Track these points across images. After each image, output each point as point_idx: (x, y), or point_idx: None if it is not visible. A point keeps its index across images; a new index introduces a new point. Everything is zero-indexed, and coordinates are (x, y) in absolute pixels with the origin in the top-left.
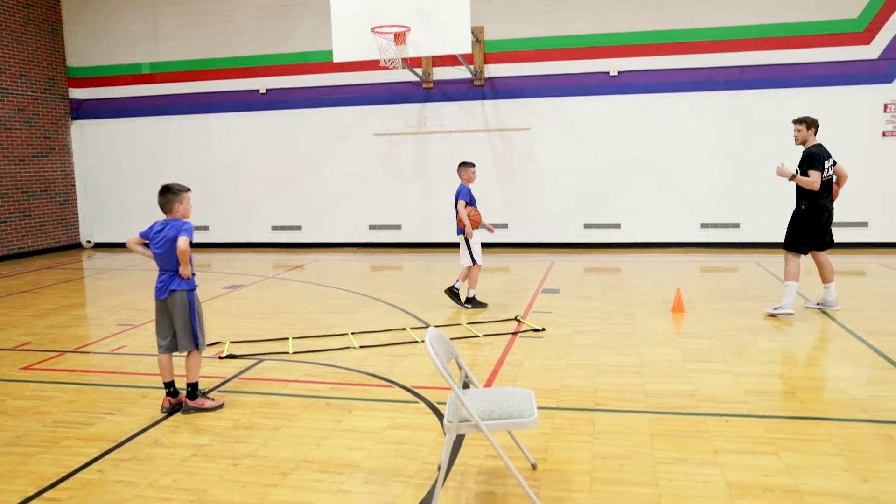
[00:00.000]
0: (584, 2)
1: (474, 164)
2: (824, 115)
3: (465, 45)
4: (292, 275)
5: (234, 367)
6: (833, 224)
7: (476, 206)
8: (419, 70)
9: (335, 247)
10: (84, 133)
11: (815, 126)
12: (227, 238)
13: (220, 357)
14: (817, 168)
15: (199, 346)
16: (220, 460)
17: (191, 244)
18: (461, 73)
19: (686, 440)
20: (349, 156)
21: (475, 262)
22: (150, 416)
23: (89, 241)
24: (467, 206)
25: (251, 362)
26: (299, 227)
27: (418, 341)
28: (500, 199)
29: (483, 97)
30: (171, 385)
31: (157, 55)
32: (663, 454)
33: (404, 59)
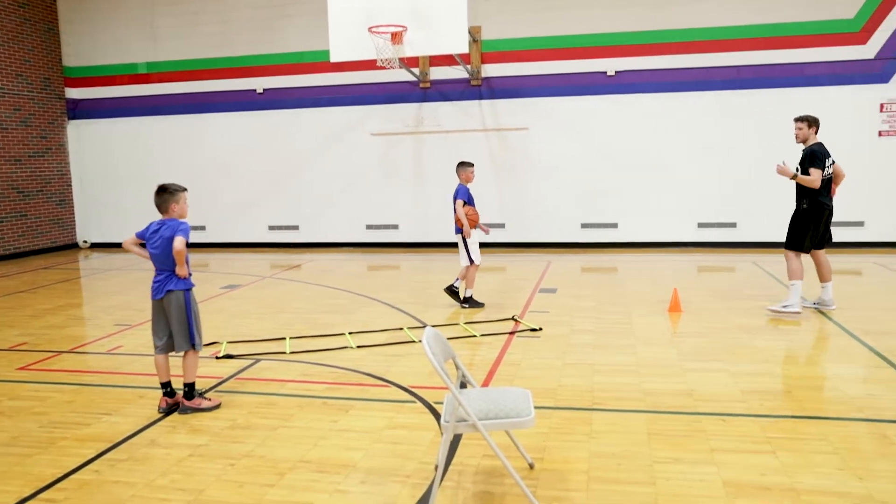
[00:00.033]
0: (581, 1)
1: (473, 164)
2: (821, 115)
3: (462, 45)
4: (289, 275)
5: (231, 367)
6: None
7: (474, 205)
8: (416, 70)
9: (332, 247)
10: (80, 133)
11: (817, 125)
12: (224, 238)
13: (217, 357)
14: (818, 166)
15: (195, 346)
16: (217, 460)
17: (187, 244)
18: (458, 72)
19: (683, 439)
20: (346, 156)
21: (472, 262)
22: (146, 417)
23: (86, 241)
24: (465, 206)
25: (248, 362)
26: (296, 227)
27: (415, 341)
28: (497, 199)
29: (480, 97)
30: (168, 385)
31: (153, 55)
32: (660, 453)
33: (401, 59)
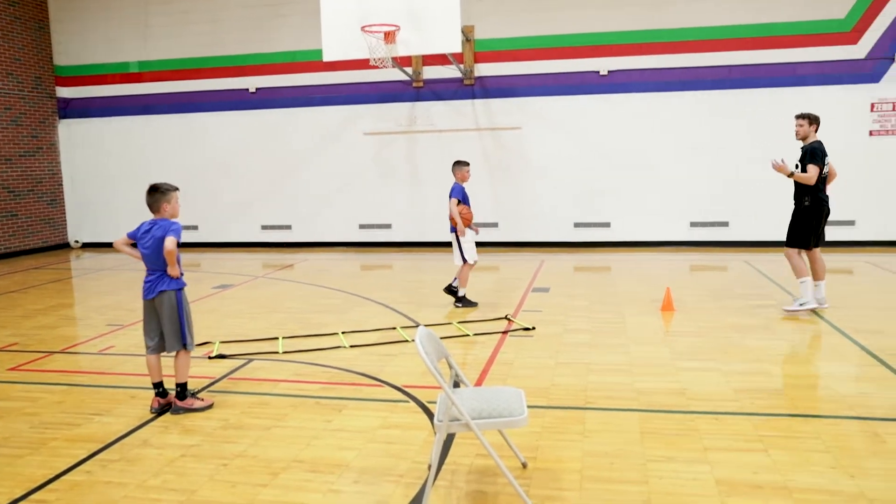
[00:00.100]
0: (574, 1)
1: (468, 163)
2: None
3: (455, 45)
4: (282, 274)
5: (224, 367)
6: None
7: (469, 204)
8: (409, 69)
9: (325, 246)
10: (71, 132)
11: (817, 123)
12: (217, 238)
13: (210, 357)
14: (817, 163)
15: (186, 346)
16: (209, 460)
17: (179, 244)
18: (451, 72)
19: (676, 438)
20: (339, 155)
21: (465, 261)
22: (138, 417)
23: (77, 241)
24: (459, 205)
25: (241, 362)
26: (289, 227)
27: (409, 340)
28: (491, 199)
29: (473, 96)
30: (160, 385)
31: (145, 54)
32: (653, 452)
33: (394, 59)
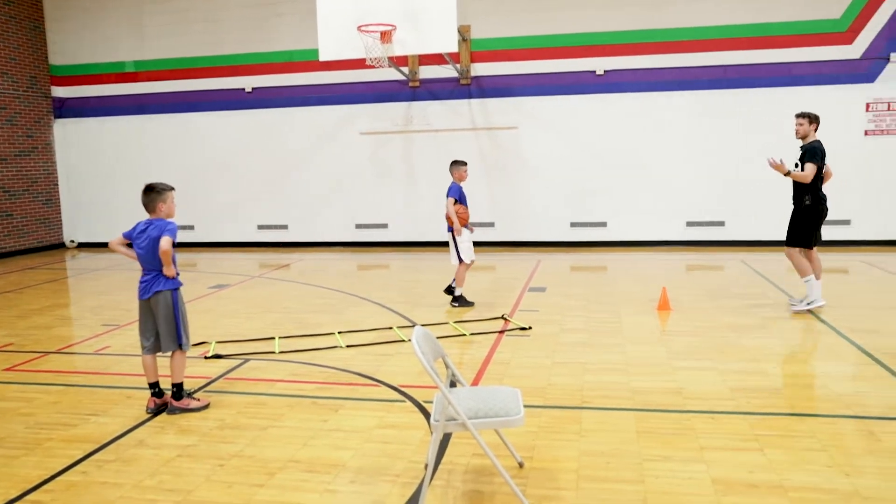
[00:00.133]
0: (570, 1)
1: (466, 163)
2: None
3: (451, 44)
4: (278, 274)
5: (220, 367)
6: None
7: (466, 204)
8: (405, 69)
9: (321, 246)
10: (67, 132)
11: (817, 122)
12: (213, 237)
13: (206, 357)
14: (816, 162)
15: (182, 347)
16: (205, 461)
17: (174, 244)
18: (448, 71)
19: (672, 437)
20: (335, 155)
21: (461, 261)
22: (134, 417)
23: (73, 241)
24: (456, 204)
25: (237, 362)
26: (285, 227)
27: (405, 340)
28: (487, 198)
29: (469, 96)
30: (156, 385)
31: (141, 53)
32: (649, 451)
33: (390, 58)
